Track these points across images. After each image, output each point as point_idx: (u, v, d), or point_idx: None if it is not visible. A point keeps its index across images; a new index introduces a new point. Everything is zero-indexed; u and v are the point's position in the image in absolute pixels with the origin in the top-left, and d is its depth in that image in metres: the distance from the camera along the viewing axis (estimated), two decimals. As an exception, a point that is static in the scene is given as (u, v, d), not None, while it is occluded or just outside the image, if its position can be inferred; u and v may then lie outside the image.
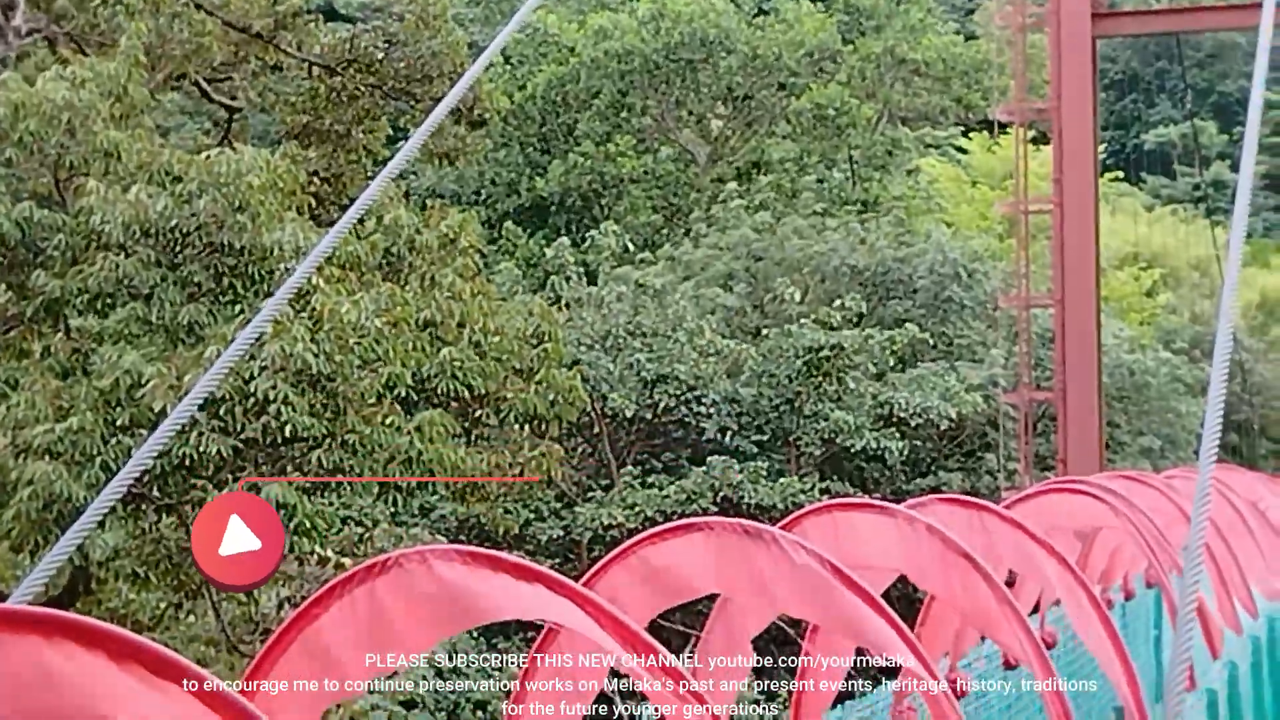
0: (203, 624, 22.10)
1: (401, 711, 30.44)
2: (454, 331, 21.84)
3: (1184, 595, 5.24)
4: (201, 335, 20.40)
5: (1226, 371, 5.93)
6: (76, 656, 4.08)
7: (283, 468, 20.05)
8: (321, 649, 6.51)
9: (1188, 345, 57.28)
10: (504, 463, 23.08)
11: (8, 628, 4.08)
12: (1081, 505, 15.06)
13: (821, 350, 37.25)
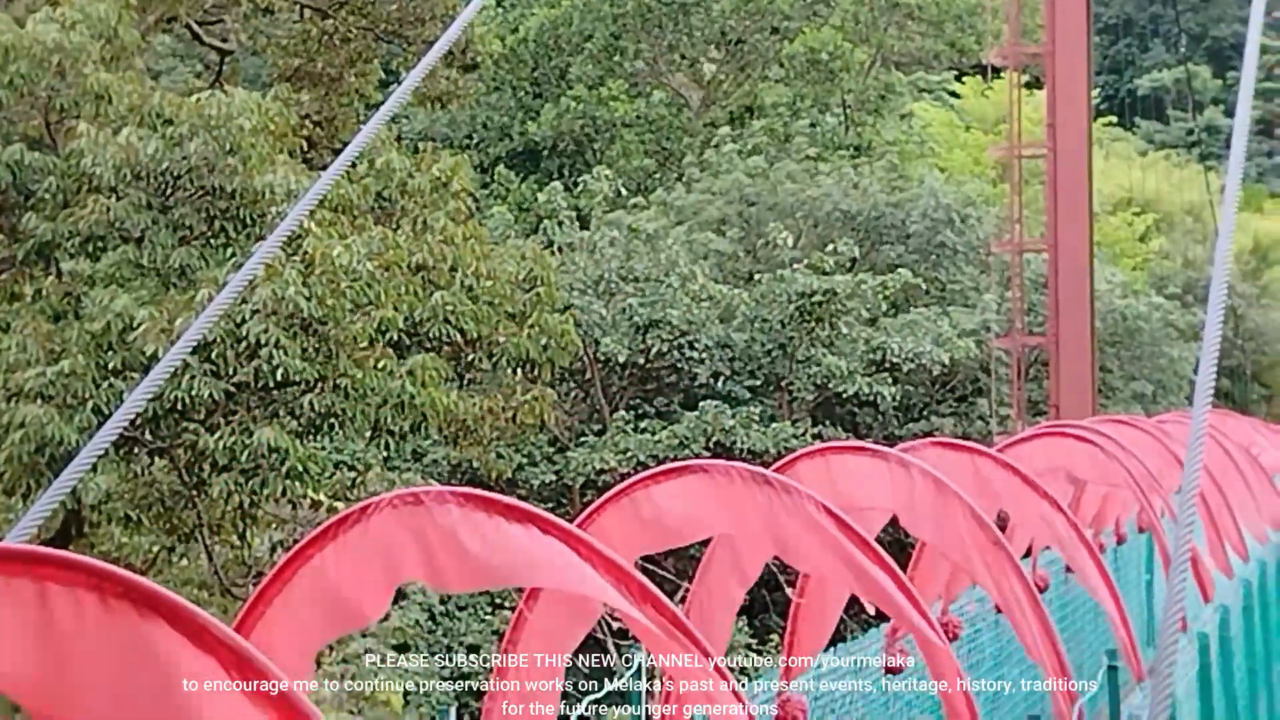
0: (195, 567, 22.13)
1: (394, 654, 30.52)
2: (446, 275, 21.81)
3: (1178, 540, 5.24)
4: (193, 279, 20.37)
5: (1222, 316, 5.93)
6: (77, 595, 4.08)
7: (275, 411, 20.04)
8: (315, 591, 6.52)
9: (1180, 290, 57.27)
10: (496, 407, 23.09)
11: (3, 567, 4.08)
12: (1074, 449, 15.09)
13: (814, 295, 37.20)
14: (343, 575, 6.49)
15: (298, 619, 6.52)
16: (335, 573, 6.50)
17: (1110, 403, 43.63)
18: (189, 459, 20.16)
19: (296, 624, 6.52)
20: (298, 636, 6.54)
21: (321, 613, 6.57)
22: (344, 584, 6.51)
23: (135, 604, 4.14)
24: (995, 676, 15.98)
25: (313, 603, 6.53)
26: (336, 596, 6.54)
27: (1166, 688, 4.97)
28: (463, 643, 34.06)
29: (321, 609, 6.56)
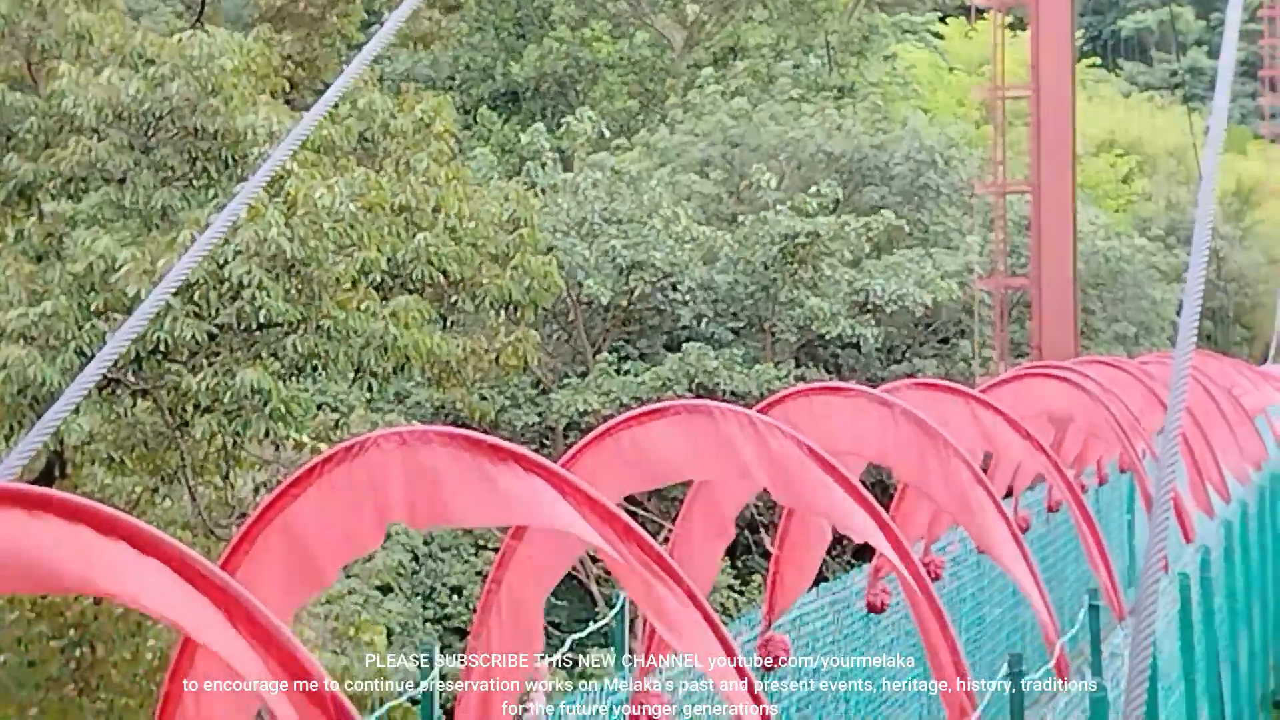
0: (178, 508, 22.13)
1: (378, 595, 30.58)
2: (429, 217, 21.76)
3: (1160, 480, 5.26)
4: (175, 220, 20.33)
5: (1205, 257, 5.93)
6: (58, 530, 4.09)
7: (257, 353, 20.03)
8: (299, 532, 6.53)
9: (1163, 232, 57.27)
10: (479, 348, 23.07)
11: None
12: (1056, 390, 15.13)
13: (797, 237, 37.16)
14: (326, 515, 6.50)
15: (281, 560, 6.53)
16: (319, 513, 6.51)
17: (1093, 344, 43.68)
18: (172, 400, 20.14)
19: (280, 565, 6.53)
20: (282, 577, 6.56)
21: (304, 553, 6.58)
22: (327, 524, 6.52)
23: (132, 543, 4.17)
24: (977, 616, 16.07)
25: (295, 543, 6.54)
26: (319, 537, 6.55)
27: (1148, 627, 5.00)
28: (446, 584, 34.14)
29: (304, 550, 6.57)
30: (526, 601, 7.68)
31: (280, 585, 6.48)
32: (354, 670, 20.64)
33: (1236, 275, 62.25)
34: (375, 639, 22.32)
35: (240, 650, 4.29)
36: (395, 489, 6.43)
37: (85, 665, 20.10)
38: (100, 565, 4.12)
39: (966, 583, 15.89)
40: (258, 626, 4.29)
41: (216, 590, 4.21)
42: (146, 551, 4.16)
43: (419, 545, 33.71)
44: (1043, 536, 18.30)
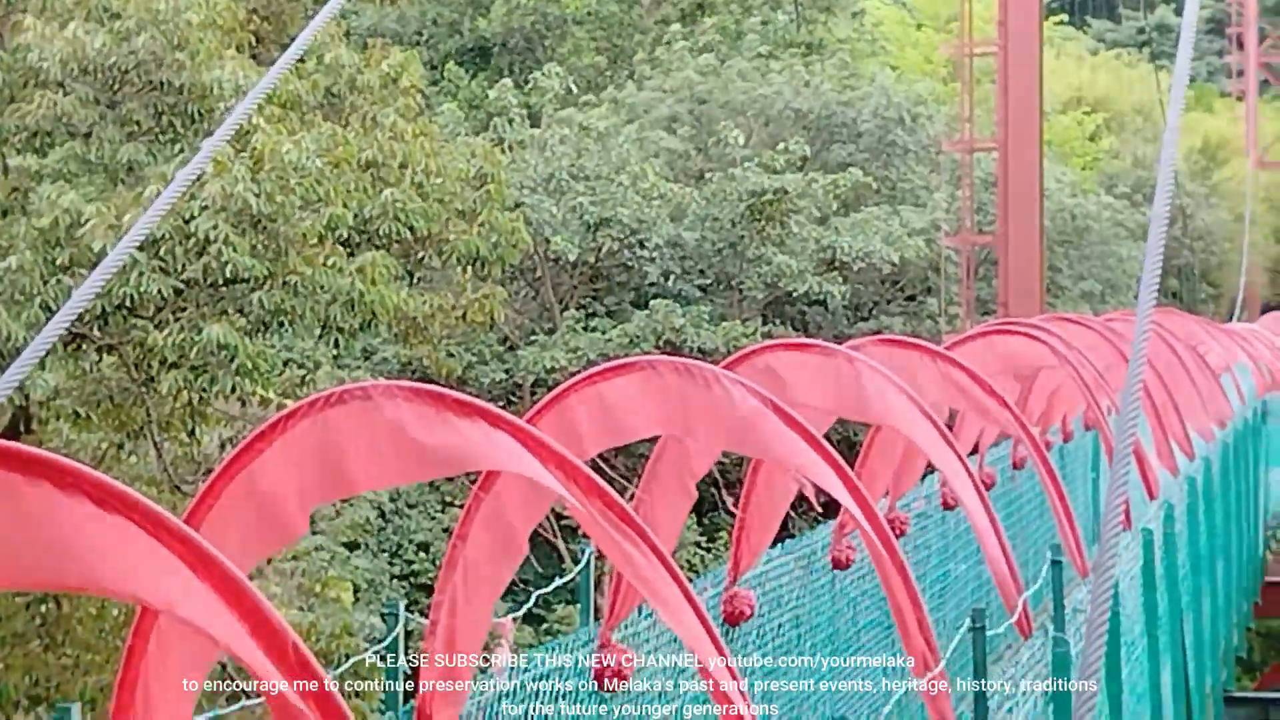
0: (144, 464, 22.08)
1: (345, 552, 30.58)
2: (396, 172, 21.70)
3: (1120, 434, 5.29)
4: (141, 175, 20.24)
5: (1167, 215, 5.95)
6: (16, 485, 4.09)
7: (224, 309, 19.97)
8: (264, 485, 6.53)
9: (1130, 190, 57.36)
10: (446, 304, 23.03)
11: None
12: (1021, 347, 15.18)
13: (765, 194, 37.17)
14: (291, 469, 6.50)
15: (245, 514, 6.54)
16: (284, 467, 6.51)
17: (1059, 301, 43.79)
18: (137, 356, 20.08)
19: (244, 519, 6.53)
20: (246, 531, 6.56)
21: (269, 508, 6.58)
22: (292, 478, 6.52)
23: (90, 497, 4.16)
24: (941, 572, 16.13)
25: (260, 498, 6.54)
26: (284, 491, 6.55)
27: (1107, 582, 5.02)
28: (413, 540, 34.16)
29: (269, 504, 6.57)
30: (493, 558, 7.69)
31: (245, 539, 6.49)
32: (320, 626, 20.63)
33: (1203, 233, 62.40)
34: (342, 595, 22.33)
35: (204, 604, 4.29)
36: (360, 443, 6.43)
37: (51, 621, 20.09)
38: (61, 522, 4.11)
39: (932, 538, 15.95)
40: (221, 580, 4.29)
41: (180, 543, 4.21)
42: (108, 506, 4.15)
43: (386, 502, 33.72)
44: (1008, 493, 18.38)
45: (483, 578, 7.67)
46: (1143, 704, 14.12)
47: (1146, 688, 14.32)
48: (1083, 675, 4.72)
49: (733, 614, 11.03)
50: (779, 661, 12.08)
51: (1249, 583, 27.63)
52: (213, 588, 4.24)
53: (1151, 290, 5.49)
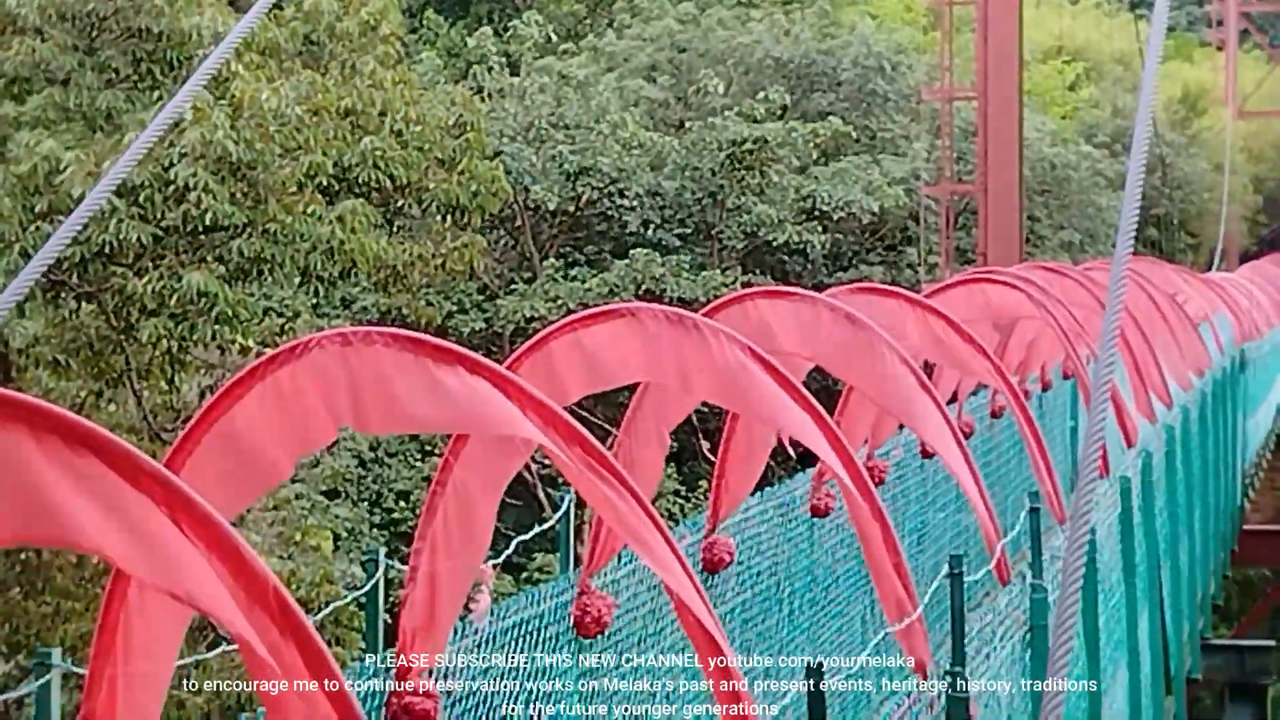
0: (124, 412, 22.04)
1: (325, 501, 30.59)
2: (375, 120, 21.65)
3: (1098, 380, 5.29)
4: (120, 122, 20.18)
5: (1145, 164, 5.96)
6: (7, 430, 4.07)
7: (203, 256, 19.93)
8: (243, 431, 6.52)
9: (1109, 139, 57.30)
10: (426, 253, 23.01)
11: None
12: (1000, 296, 15.19)
13: (744, 143, 37.12)
14: (270, 416, 6.50)
15: (225, 461, 6.53)
16: (263, 414, 6.50)
17: (1038, 251, 43.79)
18: (117, 303, 20.04)
19: (223, 466, 6.53)
20: (225, 478, 6.55)
21: (248, 454, 6.58)
22: (271, 424, 6.51)
23: (66, 440, 4.15)
24: (920, 520, 16.17)
25: (239, 444, 6.54)
26: (263, 438, 6.55)
27: (1084, 529, 5.04)
28: (393, 489, 34.16)
29: (248, 450, 6.56)
30: (474, 504, 7.70)
31: (225, 486, 6.48)
32: (300, 574, 20.65)
33: (1182, 182, 62.36)
34: (322, 544, 22.35)
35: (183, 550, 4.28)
36: (339, 389, 6.43)
37: (31, 569, 20.08)
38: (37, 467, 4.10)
39: (910, 487, 15.98)
40: (200, 524, 4.29)
41: (158, 487, 4.20)
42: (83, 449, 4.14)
43: (365, 451, 33.71)
44: (986, 441, 18.41)
45: (464, 525, 7.68)
46: (1119, 651, 14.18)
47: (1123, 635, 14.37)
48: (1059, 622, 4.73)
49: (712, 561, 11.05)
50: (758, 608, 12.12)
51: (1226, 531, 27.73)
52: (190, 532, 4.24)
53: (1129, 238, 5.49)
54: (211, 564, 4.30)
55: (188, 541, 4.23)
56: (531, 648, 9.10)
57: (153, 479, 4.19)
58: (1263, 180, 74.06)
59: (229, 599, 4.31)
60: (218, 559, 4.29)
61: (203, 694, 18.18)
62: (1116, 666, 13.98)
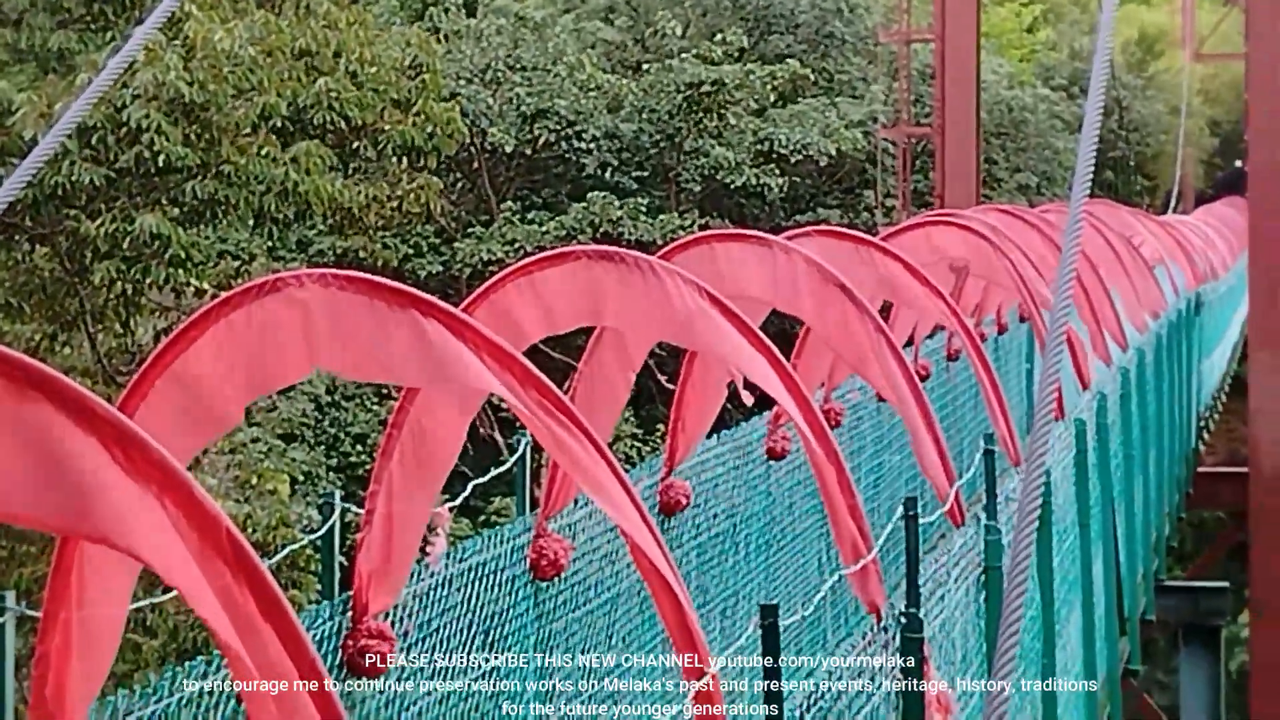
0: (78, 355, 21.95)
1: (281, 445, 30.53)
2: (330, 61, 21.52)
3: (1053, 325, 5.31)
4: (72, 63, 20.04)
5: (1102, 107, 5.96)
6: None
7: (157, 198, 19.83)
8: (197, 374, 6.50)
9: (1066, 82, 57.36)
10: (382, 195, 22.94)
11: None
12: (956, 238, 15.22)
13: (702, 86, 37.07)
14: (225, 359, 6.48)
15: (178, 404, 6.52)
16: (217, 357, 6.49)
17: (995, 193, 43.88)
18: (70, 246, 19.94)
19: (177, 409, 6.51)
20: (179, 421, 6.54)
21: (202, 397, 6.56)
22: (226, 367, 6.50)
23: (14, 381, 4.12)
24: (876, 463, 16.23)
25: (193, 387, 6.52)
26: (218, 381, 6.54)
27: (1039, 471, 5.06)
28: (349, 433, 34.12)
29: (202, 393, 6.55)
30: (431, 447, 7.70)
31: (177, 429, 6.47)
32: (257, 518, 20.61)
33: (1138, 125, 62.49)
34: (278, 487, 22.30)
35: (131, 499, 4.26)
36: (295, 332, 6.41)
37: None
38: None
39: (866, 429, 16.03)
40: (155, 469, 4.27)
41: (108, 427, 4.19)
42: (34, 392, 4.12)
43: (322, 395, 33.66)
44: (942, 384, 18.47)
45: (420, 468, 7.68)
46: (1074, 592, 14.27)
47: (1078, 576, 14.47)
48: (1014, 563, 4.76)
49: (669, 504, 11.08)
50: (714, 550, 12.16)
51: (1181, 473, 27.90)
52: (143, 475, 4.22)
53: (1085, 181, 5.50)
54: (165, 508, 4.28)
55: (136, 487, 4.21)
56: (488, 590, 9.11)
57: (105, 422, 4.17)
58: (1219, 123, 74.22)
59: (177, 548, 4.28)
60: (170, 502, 4.27)
61: (159, 638, 18.16)
62: (1071, 608, 14.07)
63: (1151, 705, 37.05)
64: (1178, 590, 30.49)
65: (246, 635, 4.38)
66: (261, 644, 4.39)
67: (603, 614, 10.30)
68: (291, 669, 4.43)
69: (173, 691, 6.69)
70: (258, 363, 6.50)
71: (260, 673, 4.41)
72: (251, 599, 4.37)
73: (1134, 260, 23.40)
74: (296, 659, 4.43)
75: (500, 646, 9.19)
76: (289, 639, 4.43)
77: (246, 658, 4.40)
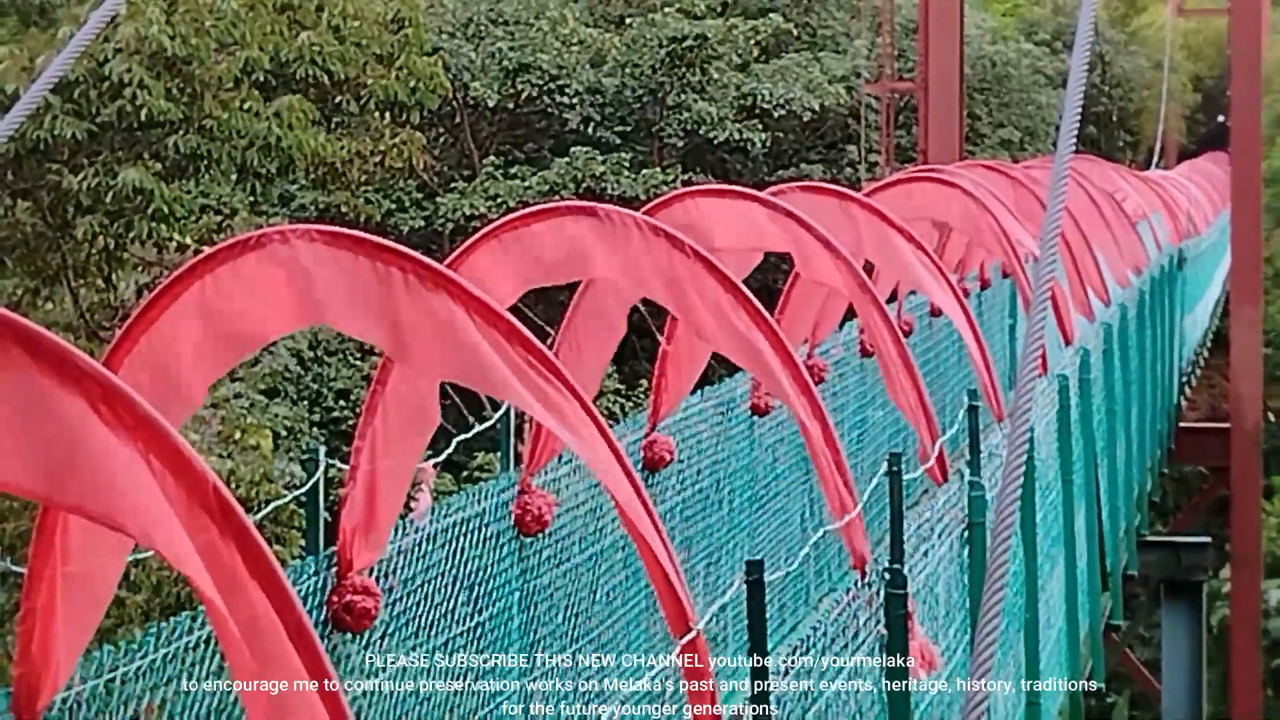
0: (61, 310, 21.93)
1: (264, 400, 30.50)
2: (312, 16, 21.48)
3: (1037, 281, 5.31)
4: (54, 17, 20.00)
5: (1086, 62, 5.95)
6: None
7: (139, 153, 19.78)
8: (182, 331, 6.49)
9: (1049, 37, 57.29)
10: (364, 150, 22.90)
11: None
12: (940, 194, 15.21)
13: (685, 40, 37.00)
14: (208, 315, 6.47)
15: (162, 359, 6.50)
16: (200, 313, 6.47)
17: (978, 149, 43.83)
18: (52, 200, 19.89)
19: (161, 364, 6.50)
20: (167, 377, 6.53)
21: (188, 354, 6.55)
22: (208, 324, 6.48)
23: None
24: (859, 417, 16.25)
25: (176, 344, 6.51)
26: (202, 339, 6.52)
27: (1023, 426, 5.07)
28: (332, 388, 34.10)
29: (188, 351, 6.54)
30: (415, 403, 7.69)
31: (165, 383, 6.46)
32: (240, 473, 20.62)
33: (1121, 80, 62.42)
34: (262, 443, 22.29)
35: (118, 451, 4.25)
36: (278, 287, 6.40)
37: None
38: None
39: (850, 385, 16.05)
40: (141, 425, 4.26)
41: (97, 387, 4.17)
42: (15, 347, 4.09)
43: (305, 350, 33.62)
44: (926, 340, 18.48)
45: (404, 424, 7.67)
46: (1057, 546, 14.30)
47: (1061, 531, 14.49)
48: (999, 519, 4.77)
49: (652, 460, 11.09)
50: (698, 506, 12.18)
51: (1163, 429, 27.95)
52: (128, 432, 4.21)
53: (1070, 137, 5.49)
54: (150, 464, 4.28)
55: (122, 444, 4.20)
56: (472, 546, 9.12)
57: (90, 378, 4.16)
58: (1201, 78, 74.18)
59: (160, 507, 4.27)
60: (156, 458, 4.26)
61: (141, 593, 18.18)
62: (1054, 563, 14.10)
63: (1133, 659, 37.22)
64: (1159, 545, 30.55)
65: (232, 591, 4.38)
66: (248, 600, 4.39)
67: (587, 569, 10.31)
68: (277, 624, 4.43)
69: (157, 647, 6.70)
70: (241, 318, 6.49)
71: (245, 628, 4.41)
72: (238, 555, 4.37)
73: (1117, 216, 23.40)
74: (282, 614, 4.43)
75: (485, 602, 9.21)
76: (275, 594, 4.43)
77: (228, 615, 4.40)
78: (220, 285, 6.40)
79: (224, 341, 6.56)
